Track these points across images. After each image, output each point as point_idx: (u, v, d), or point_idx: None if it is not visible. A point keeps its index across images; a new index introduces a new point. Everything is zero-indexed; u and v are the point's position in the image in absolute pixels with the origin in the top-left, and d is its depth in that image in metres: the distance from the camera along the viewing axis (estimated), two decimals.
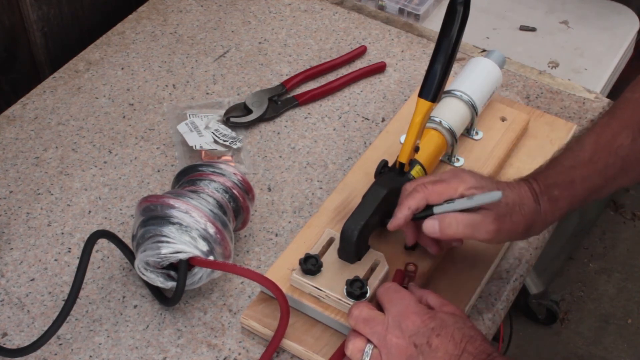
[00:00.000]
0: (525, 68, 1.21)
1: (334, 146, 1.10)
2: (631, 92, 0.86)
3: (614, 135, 0.84)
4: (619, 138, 0.84)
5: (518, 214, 0.83)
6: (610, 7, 1.46)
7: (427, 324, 0.77)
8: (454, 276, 0.92)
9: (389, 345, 0.77)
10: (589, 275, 2.08)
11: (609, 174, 0.85)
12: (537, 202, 0.84)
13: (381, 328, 0.78)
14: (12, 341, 0.89)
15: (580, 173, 0.84)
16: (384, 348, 0.77)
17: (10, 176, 1.05)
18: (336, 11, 1.31)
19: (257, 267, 0.96)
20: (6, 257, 0.97)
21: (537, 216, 0.84)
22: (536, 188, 0.85)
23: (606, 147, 0.84)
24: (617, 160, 0.84)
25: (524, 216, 0.83)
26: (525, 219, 0.83)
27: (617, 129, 0.85)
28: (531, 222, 0.84)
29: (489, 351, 0.75)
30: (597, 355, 1.92)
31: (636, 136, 0.83)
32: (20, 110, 1.14)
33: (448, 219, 0.82)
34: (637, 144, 0.84)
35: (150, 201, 0.87)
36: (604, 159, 0.84)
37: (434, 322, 0.77)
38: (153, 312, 0.91)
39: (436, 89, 0.88)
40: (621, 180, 0.86)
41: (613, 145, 0.84)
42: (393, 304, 0.79)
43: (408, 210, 0.84)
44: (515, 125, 1.06)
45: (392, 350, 0.76)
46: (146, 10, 1.30)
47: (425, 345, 0.75)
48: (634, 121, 0.84)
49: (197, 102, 1.15)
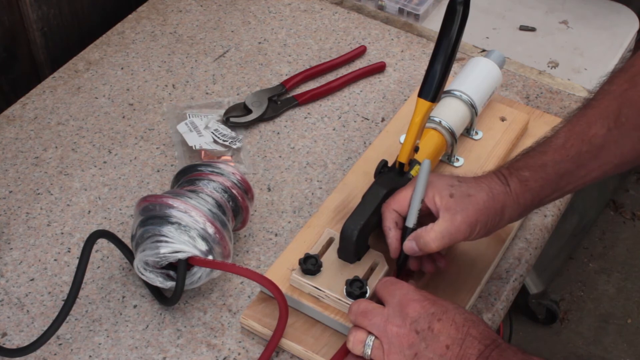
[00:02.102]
0: (525, 68, 1.21)
1: (333, 146, 1.10)
2: (608, 84, 0.85)
3: (589, 124, 0.83)
4: (593, 127, 0.83)
5: (484, 201, 0.82)
6: (610, 7, 1.46)
7: (428, 310, 0.76)
8: (454, 276, 0.92)
9: (389, 334, 0.76)
10: (588, 275, 2.08)
11: (581, 160, 0.83)
12: (505, 185, 0.83)
13: (380, 319, 0.77)
14: (11, 341, 0.89)
15: (552, 157, 0.83)
16: (385, 338, 0.77)
17: (10, 176, 1.05)
18: (336, 11, 1.31)
19: (257, 267, 0.96)
20: (6, 257, 0.97)
21: (506, 197, 0.83)
22: (505, 172, 0.84)
23: (580, 135, 0.83)
24: (592, 149, 0.83)
25: (492, 200, 0.82)
26: (494, 202, 0.82)
27: (592, 118, 0.84)
28: (501, 204, 0.82)
29: (493, 337, 0.75)
30: (597, 355, 1.92)
31: (611, 126, 0.82)
32: (20, 110, 1.14)
33: (422, 238, 0.83)
34: (612, 134, 0.82)
35: (149, 201, 0.87)
36: (577, 146, 0.83)
37: (434, 307, 0.76)
38: (153, 312, 0.91)
39: (436, 89, 0.88)
40: (594, 169, 0.84)
41: (587, 134, 0.83)
42: (392, 295, 0.79)
43: (390, 230, 0.85)
44: (515, 125, 1.06)
45: (393, 339, 0.76)
46: (146, 10, 1.30)
47: (427, 331, 0.75)
48: (609, 112, 0.83)
49: (196, 102, 1.15)
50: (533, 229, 1.00)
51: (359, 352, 0.78)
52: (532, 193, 0.83)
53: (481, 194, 0.82)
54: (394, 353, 0.76)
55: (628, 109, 0.83)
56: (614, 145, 0.83)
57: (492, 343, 0.74)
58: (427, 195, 0.83)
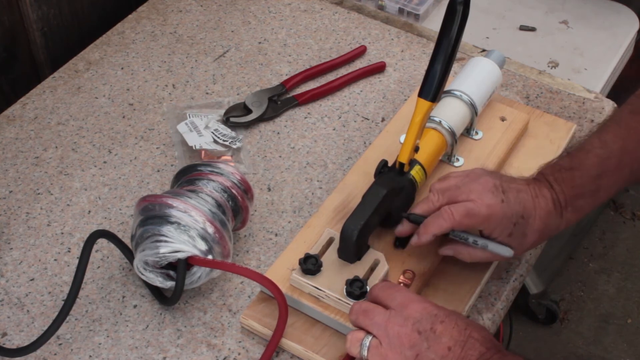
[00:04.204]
0: (525, 68, 1.21)
1: (333, 146, 1.10)
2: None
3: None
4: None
5: (533, 241, 0.85)
6: (610, 7, 1.46)
7: (430, 311, 0.76)
8: (454, 276, 0.92)
9: (390, 334, 0.76)
10: (588, 275, 2.08)
11: (632, 179, 0.85)
12: (559, 215, 0.84)
13: (381, 318, 0.77)
14: (11, 341, 0.89)
15: (607, 182, 0.84)
16: (385, 338, 0.76)
17: (10, 176, 1.05)
18: (336, 11, 1.31)
19: (257, 267, 0.96)
20: (6, 257, 0.97)
21: (557, 230, 0.85)
22: (561, 199, 0.84)
23: (633, 152, 0.84)
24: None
25: (542, 236, 0.85)
26: (543, 237, 0.85)
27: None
28: (550, 236, 0.86)
29: (495, 343, 0.75)
30: (597, 355, 1.92)
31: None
32: (20, 110, 1.14)
33: (462, 255, 0.85)
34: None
35: (149, 201, 0.87)
36: (630, 165, 0.84)
37: (437, 310, 0.76)
38: (153, 312, 0.91)
39: (436, 89, 0.88)
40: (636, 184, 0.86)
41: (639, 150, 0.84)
42: (392, 298, 0.78)
43: (432, 236, 0.85)
44: (515, 125, 1.06)
45: (393, 339, 0.76)
46: (146, 10, 1.30)
47: (430, 332, 0.75)
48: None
49: (196, 102, 1.15)
50: None
51: (355, 351, 0.78)
52: (581, 217, 0.86)
53: (535, 235, 0.84)
54: (394, 353, 0.76)
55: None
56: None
57: (493, 347, 0.74)
58: (488, 227, 0.84)
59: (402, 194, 0.91)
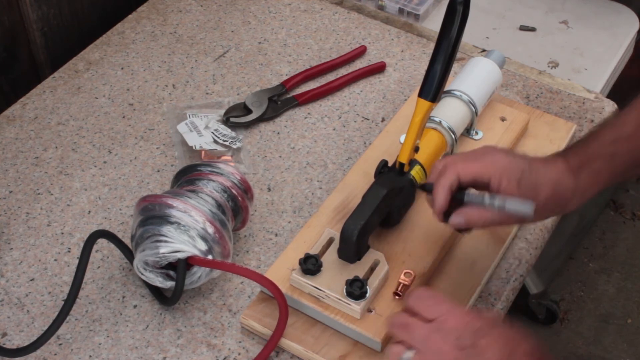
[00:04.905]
0: (525, 68, 1.21)
1: (333, 146, 1.10)
2: None
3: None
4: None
5: (546, 198, 0.80)
6: (610, 7, 1.46)
7: (472, 325, 0.72)
8: (454, 276, 0.92)
9: (432, 349, 0.71)
10: (588, 275, 2.08)
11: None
12: (575, 178, 0.81)
13: (421, 333, 0.72)
14: (11, 341, 0.89)
15: (622, 147, 0.82)
16: (426, 354, 0.72)
17: (10, 176, 1.05)
18: (336, 11, 1.31)
19: (257, 267, 0.96)
20: (6, 257, 0.97)
21: (573, 194, 0.81)
22: (574, 163, 0.82)
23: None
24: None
25: (556, 197, 0.81)
26: (558, 199, 0.81)
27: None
28: (565, 200, 0.81)
29: (542, 352, 0.71)
30: (597, 355, 1.92)
31: None
32: (20, 110, 1.14)
33: (475, 220, 0.81)
34: None
35: (149, 201, 0.87)
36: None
37: (479, 322, 0.72)
38: (153, 312, 0.91)
39: (436, 89, 0.87)
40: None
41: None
42: (432, 310, 0.74)
43: (445, 190, 0.81)
44: (515, 125, 1.06)
45: (434, 356, 0.71)
46: (146, 10, 1.30)
47: (472, 348, 0.70)
48: None
49: (196, 102, 1.15)
50: (533, 229, 1.00)
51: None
52: (599, 187, 0.82)
53: (547, 188, 0.81)
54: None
55: None
56: None
57: (541, 357, 0.71)
58: (494, 174, 0.81)
59: (402, 194, 0.91)
